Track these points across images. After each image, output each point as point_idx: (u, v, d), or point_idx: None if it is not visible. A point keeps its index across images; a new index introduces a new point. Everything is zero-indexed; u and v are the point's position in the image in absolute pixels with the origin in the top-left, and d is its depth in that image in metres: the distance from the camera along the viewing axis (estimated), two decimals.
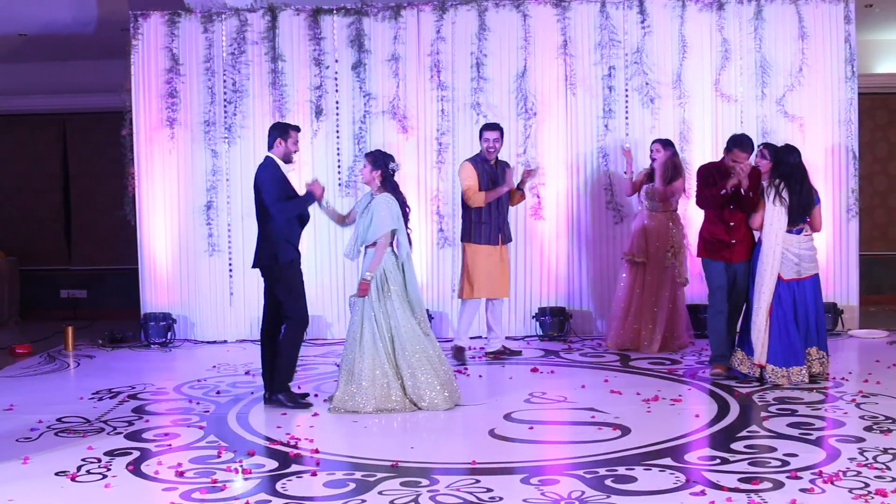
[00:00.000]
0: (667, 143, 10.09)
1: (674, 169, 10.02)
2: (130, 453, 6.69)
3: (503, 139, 9.85)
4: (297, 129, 8.28)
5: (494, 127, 9.83)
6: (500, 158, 9.91)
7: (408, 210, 8.02)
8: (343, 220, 8.28)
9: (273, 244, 7.98)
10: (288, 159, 8.16)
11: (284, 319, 8.07)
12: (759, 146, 9.55)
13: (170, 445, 6.91)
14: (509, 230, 10.00)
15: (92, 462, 6.49)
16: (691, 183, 10.80)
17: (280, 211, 7.92)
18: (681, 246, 10.16)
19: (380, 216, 7.76)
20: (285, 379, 8.06)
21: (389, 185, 7.95)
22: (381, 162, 7.92)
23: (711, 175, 8.62)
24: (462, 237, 9.88)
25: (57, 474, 6.23)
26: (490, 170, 9.71)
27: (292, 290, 8.03)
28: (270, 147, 8.12)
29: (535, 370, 9.39)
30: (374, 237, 7.77)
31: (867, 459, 6.17)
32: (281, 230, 7.96)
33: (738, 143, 8.52)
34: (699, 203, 8.81)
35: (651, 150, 10.11)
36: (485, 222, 9.67)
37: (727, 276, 8.65)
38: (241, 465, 6.31)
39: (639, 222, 10.20)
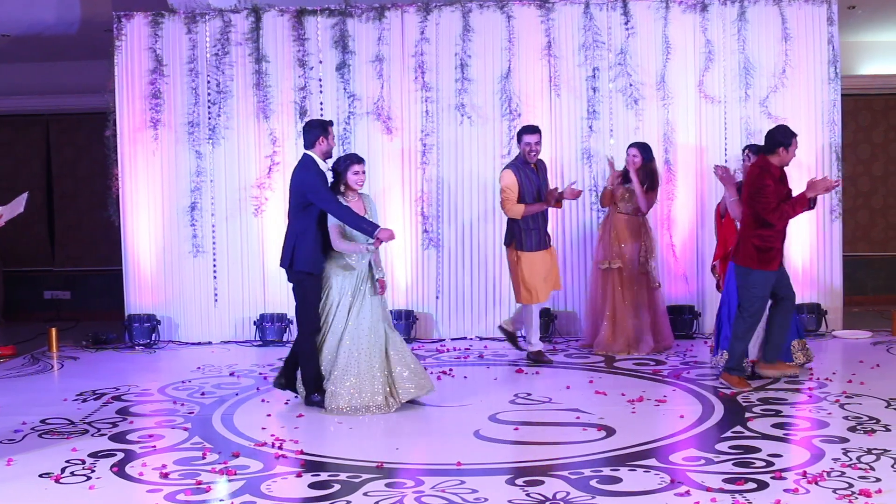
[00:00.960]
0: (645, 149, 10.05)
1: (652, 176, 10.00)
2: (115, 455, 6.68)
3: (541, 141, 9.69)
4: (332, 123, 8.23)
5: (534, 130, 9.62)
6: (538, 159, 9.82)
7: None
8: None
9: (294, 248, 7.89)
10: (328, 155, 8.06)
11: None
12: (744, 149, 9.64)
13: (154, 447, 6.90)
14: (549, 234, 9.80)
15: (76, 464, 6.47)
16: (677, 185, 10.87)
17: (338, 211, 7.72)
18: (653, 250, 10.17)
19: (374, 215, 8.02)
20: (311, 383, 7.95)
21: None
22: None
23: (774, 184, 8.17)
24: (508, 243, 9.71)
25: (41, 476, 6.21)
26: (531, 173, 9.57)
27: (305, 299, 7.93)
28: (311, 146, 7.97)
29: (519, 371, 9.40)
30: None
31: (851, 460, 6.20)
32: (314, 237, 7.87)
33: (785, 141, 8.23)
34: (774, 218, 8.13)
35: (627, 154, 10.08)
36: (534, 229, 9.54)
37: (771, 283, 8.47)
38: (226, 467, 6.31)
39: (608, 227, 10.15)
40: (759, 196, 8.13)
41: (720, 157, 11.02)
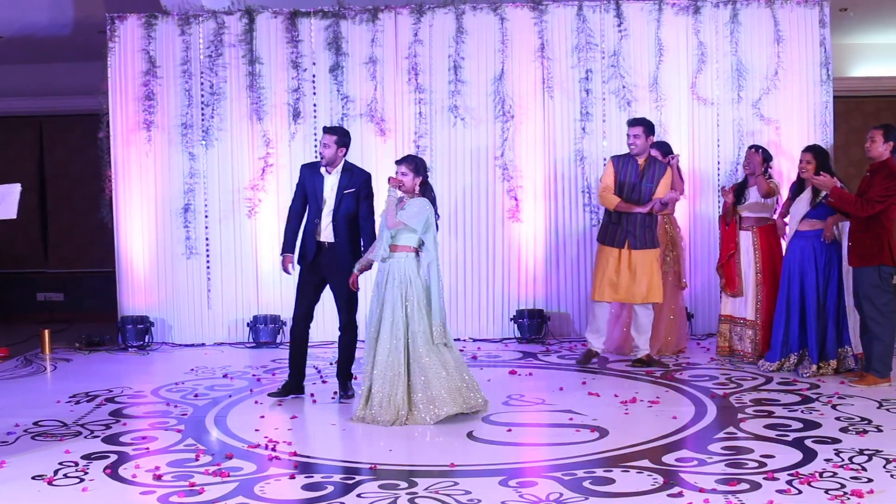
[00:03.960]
0: (663, 147, 10.03)
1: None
2: (108, 457, 6.67)
3: (649, 134, 9.43)
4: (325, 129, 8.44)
5: (634, 122, 9.51)
6: (653, 156, 9.56)
7: (437, 216, 7.71)
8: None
9: None
10: (326, 161, 8.32)
11: None
12: (749, 147, 9.67)
13: (147, 449, 6.90)
14: (646, 235, 9.40)
15: (69, 466, 6.47)
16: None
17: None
18: (680, 248, 10.13)
19: (410, 213, 7.47)
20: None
21: (429, 190, 7.72)
22: (422, 169, 7.65)
23: None
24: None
25: (34, 478, 6.21)
26: (634, 168, 9.35)
27: None
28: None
29: (513, 372, 9.41)
30: (413, 234, 7.55)
31: (843, 461, 6.22)
32: None
33: None
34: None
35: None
36: (613, 223, 9.39)
37: None
38: (220, 468, 6.31)
39: None
40: None
41: (713, 159, 11.05)
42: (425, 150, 11.07)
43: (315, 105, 11.20)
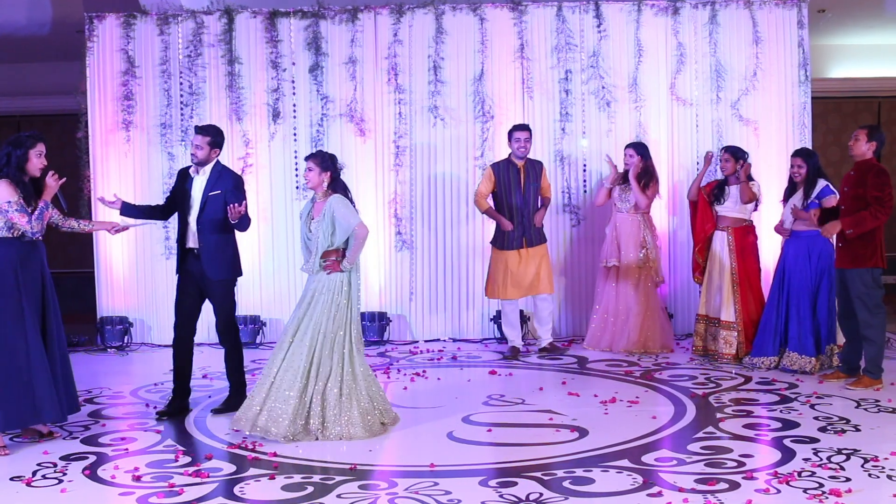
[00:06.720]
0: (640, 148, 10.16)
1: (647, 174, 10.08)
2: (87, 458, 6.66)
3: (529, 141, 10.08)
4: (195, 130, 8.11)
5: (524, 127, 10.08)
6: (530, 159, 10.16)
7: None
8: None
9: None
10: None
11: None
12: (720, 150, 9.72)
13: (126, 450, 6.88)
14: (538, 232, 10.14)
15: (48, 467, 6.45)
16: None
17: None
18: (654, 247, 10.20)
19: (342, 214, 7.17)
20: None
21: (340, 186, 7.41)
22: (328, 163, 7.36)
23: None
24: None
25: (12, 479, 6.19)
26: (515, 173, 10.00)
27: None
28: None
29: (493, 372, 9.41)
30: (345, 236, 7.20)
31: (821, 460, 6.26)
32: None
33: None
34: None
35: (625, 155, 10.17)
36: (505, 229, 10.04)
37: None
38: (199, 469, 6.30)
39: (611, 227, 10.29)
40: None
41: (692, 160, 11.07)
42: (405, 150, 11.07)
43: (294, 105, 11.18)
